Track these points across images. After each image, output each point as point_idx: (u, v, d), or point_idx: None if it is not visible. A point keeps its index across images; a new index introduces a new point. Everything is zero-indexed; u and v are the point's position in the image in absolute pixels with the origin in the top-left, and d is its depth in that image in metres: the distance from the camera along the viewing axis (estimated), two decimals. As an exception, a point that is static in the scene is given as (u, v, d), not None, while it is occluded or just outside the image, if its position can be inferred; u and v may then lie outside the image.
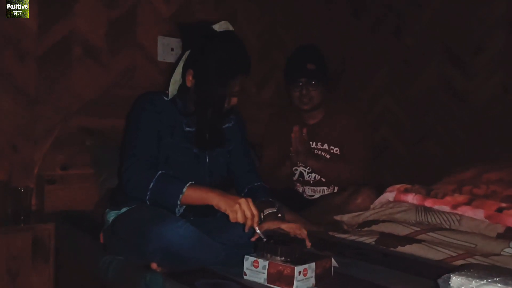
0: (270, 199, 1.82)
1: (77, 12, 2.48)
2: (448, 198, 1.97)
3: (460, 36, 2.90)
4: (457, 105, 2.92)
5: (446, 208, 1.93)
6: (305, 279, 1.37)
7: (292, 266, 1.36)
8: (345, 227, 2.17)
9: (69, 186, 2.39)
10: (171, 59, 2.74)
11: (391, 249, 1.88)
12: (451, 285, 1.17)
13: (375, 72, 3.31)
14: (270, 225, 1.67)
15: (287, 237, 1.63)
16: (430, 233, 1.87)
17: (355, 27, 3.40)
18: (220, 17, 2.91)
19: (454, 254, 1.73)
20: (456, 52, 2.92)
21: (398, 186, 2.17)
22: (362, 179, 2.41)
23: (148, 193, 1.54)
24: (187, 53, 1.75)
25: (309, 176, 2.53)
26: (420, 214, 1.97)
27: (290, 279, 1.34)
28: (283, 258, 1.40)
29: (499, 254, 1.69)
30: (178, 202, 1.51)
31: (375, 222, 2.06)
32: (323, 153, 2.52)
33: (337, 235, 2.07)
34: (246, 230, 1.49)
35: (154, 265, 1.50)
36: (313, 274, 1.40)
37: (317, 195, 2.53)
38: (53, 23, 2.42)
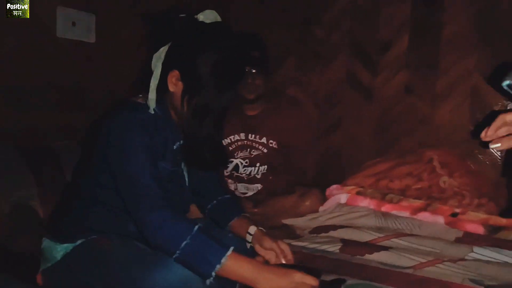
0: (247, 214, 1.67)
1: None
2: (404, 203, 2.04)
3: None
4: (364, 100, 3.04)
5: (406, 214, 2.00)
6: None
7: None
8: (297, 232, 2.10)
9: None
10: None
11: (358, 256, 1.86)
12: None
13: (283, 62, 3.23)
14: (271, 244, 1.51)
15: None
16: (394, 240, 1.91)
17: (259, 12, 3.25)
18: None
19: (423, 261, 1.79)
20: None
21: (349, 188, 2.17)
22: None
23: (178, 252, 1.20)
24: (165, 48, 1.43)
25: (245, 170, 2.37)
26: (379, 219, 2.00)
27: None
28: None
29: (464, 259, 1.80)
30: (213, 274, 1.21)
31: (333, 227, 2.03)
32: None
33: (294, 243, 1.98)
34: None
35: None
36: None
37: (250, 193, 2.40)
38: None
